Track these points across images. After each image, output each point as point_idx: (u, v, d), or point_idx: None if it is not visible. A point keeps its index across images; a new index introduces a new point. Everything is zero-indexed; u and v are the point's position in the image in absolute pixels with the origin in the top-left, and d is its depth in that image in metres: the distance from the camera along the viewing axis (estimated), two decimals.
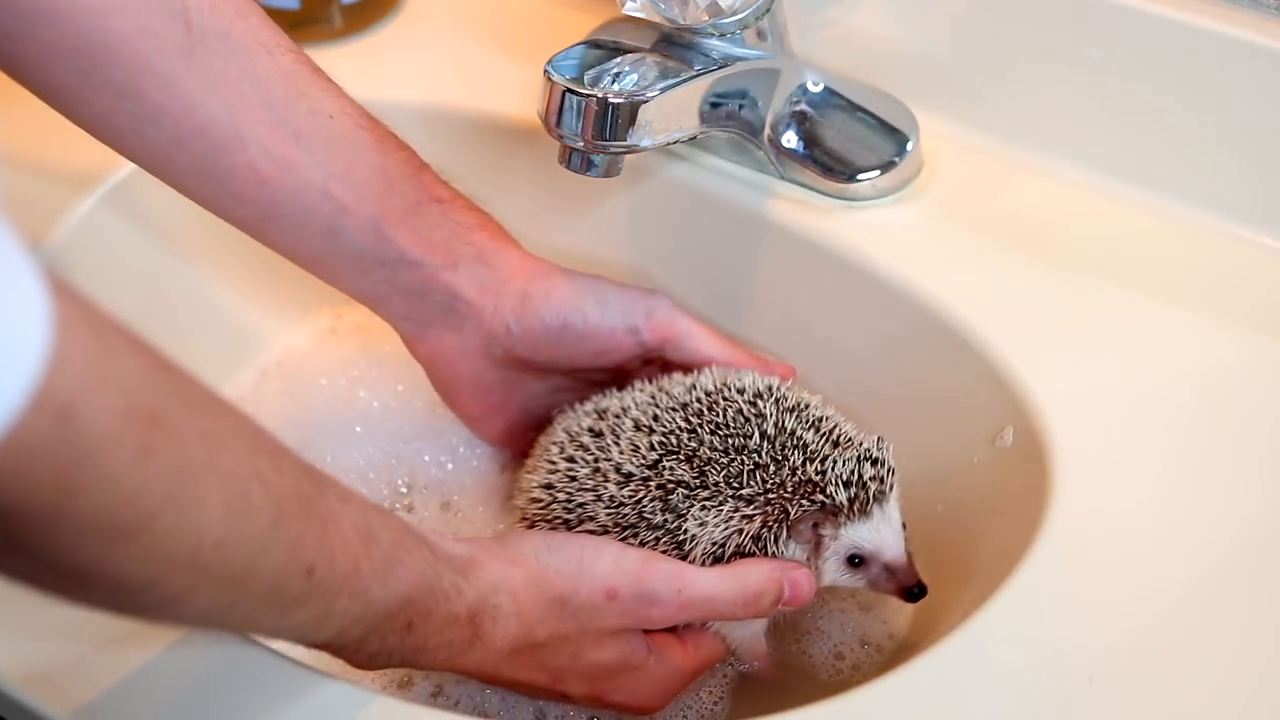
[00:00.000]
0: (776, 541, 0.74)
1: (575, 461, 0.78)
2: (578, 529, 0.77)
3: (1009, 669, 0.69)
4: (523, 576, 0.70)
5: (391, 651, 0.65)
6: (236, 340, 0.98)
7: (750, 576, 0.73)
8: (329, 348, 0.99)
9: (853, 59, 0.93)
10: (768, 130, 0.89)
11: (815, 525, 0.74)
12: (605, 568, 0.71)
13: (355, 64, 0.99)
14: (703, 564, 0.74)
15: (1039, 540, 0.73)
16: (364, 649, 0.65)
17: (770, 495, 0.74)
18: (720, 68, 0.85)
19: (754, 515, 0.74)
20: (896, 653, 0.81)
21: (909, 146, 0.90)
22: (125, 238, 0.92)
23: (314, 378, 0.98)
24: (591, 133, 0.81)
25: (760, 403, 0.77)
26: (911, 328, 0.85)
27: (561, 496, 0.78)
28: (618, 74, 0.83)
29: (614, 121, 0.81)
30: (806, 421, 0.76)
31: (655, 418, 0.78)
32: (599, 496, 0.77)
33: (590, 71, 0.83)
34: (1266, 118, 0.85)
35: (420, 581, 0.65)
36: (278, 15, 0.98)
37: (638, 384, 0.82)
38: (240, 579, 0.55)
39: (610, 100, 0.81)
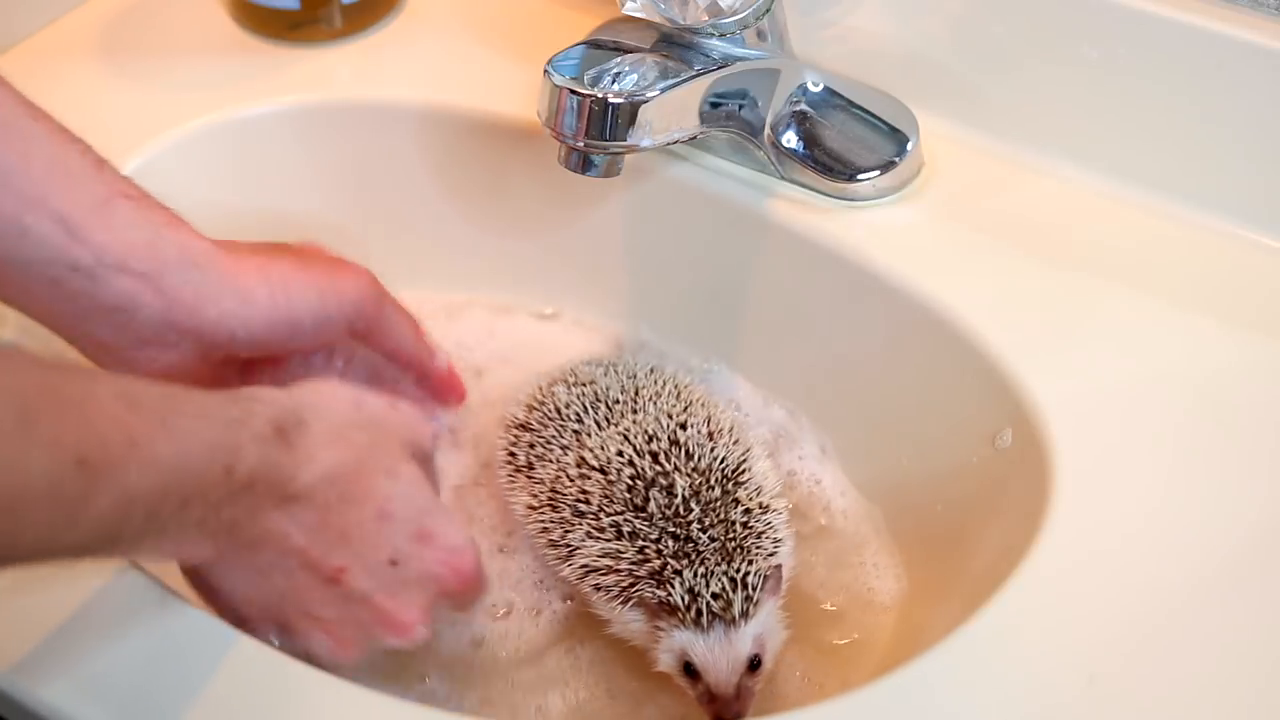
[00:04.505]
0: (620, 605, 0.77)
1: (558, 412, 0.84)
2: (535, 469, 0.82)
3: (1008, 670, 0.69)
4: (310, 386, 0.69)
5: (219, 508, 0.62)
6: None
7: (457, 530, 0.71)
8: None
9: (853, 59, 0.93)
10: (768, 130, 0.89)
11: (653, 614, 0.76)
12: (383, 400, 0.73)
13: (355, 64, 0.99)
14: (577, 575, 0.78)
15: (1039, 540, 0.73)
16: (188, 519, 0.60)
17: (629, 564, 0.76)
18: (720, 68, 0.85)
19: (612, 570, 0.76)
20: (896, 653, 0.81)
21: (909, 146, 0.90)
22: None
23: None
24: (591, 133, 0.82)
25: (684, 479, 0.78)
26: (911, 328, 0.85)
27: (529, 436, 0.83)
28: (618, 74, 0.83)
29: (614, 121, 0.81)
30: (713, 520, 0.77)
31: (622, 416, 0.82)
32: (555, 459, 0.82)
33: (590, 71, 0.83)
34: (1267, 118, 0.85)
35: (208, 424, 0.61)
36: (278, 15, 0.99)
37: (653, 370, 0.86)
38: (13, 499, 0.51)
39: (610, 100, 0.81)
